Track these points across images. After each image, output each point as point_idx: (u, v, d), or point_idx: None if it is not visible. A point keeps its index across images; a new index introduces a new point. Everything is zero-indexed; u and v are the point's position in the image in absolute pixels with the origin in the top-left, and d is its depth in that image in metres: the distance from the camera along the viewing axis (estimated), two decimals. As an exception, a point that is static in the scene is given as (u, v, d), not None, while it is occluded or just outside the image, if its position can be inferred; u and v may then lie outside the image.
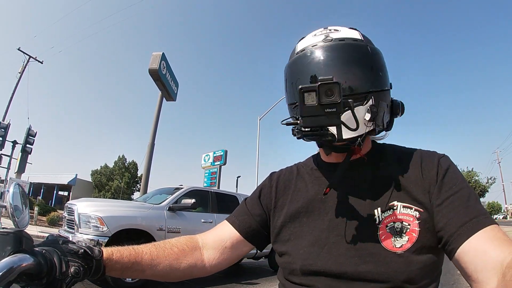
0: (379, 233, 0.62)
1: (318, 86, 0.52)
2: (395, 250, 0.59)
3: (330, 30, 0.72)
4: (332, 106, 0.52)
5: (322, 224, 0.67)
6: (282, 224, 0.74)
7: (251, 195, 0.85)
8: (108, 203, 5.37)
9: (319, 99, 0.52)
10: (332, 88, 0.52)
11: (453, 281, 5.56)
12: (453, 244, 0.56)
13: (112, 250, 0.62)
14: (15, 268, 0.44)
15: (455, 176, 0.63)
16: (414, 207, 0.62)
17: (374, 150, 0.74)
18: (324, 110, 0.52)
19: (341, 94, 0.51)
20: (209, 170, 16.41)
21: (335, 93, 0.51)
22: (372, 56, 0.69)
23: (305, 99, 0.53)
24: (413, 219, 0.61)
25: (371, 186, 0.67)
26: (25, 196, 0.61)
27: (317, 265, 0.64)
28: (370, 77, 0.68)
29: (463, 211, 0.57)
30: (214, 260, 0.76)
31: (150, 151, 10.87)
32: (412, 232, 0.60)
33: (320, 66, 0.67)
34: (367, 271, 0.59)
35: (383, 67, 0.71)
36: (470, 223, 0.55)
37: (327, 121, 0.53)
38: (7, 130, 13.68)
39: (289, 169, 0.85)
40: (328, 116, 0.52)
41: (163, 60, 10.95)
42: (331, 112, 0.52)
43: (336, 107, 0.51)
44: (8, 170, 15.24)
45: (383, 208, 0.63)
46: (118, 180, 32.57)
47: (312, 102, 0.52)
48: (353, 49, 0.68)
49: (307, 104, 0.53)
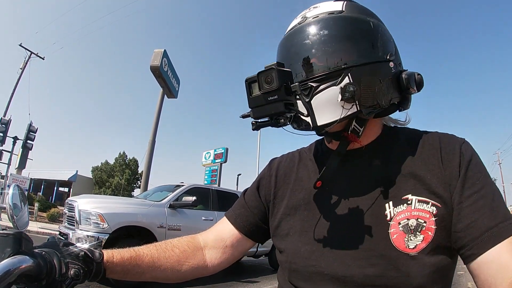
0: (391, 231, 0.55)
1: (257, 74, 0.50)
2: (408, 252, 0.53)
3: (310, 8, 0.66)
4: (273, 94, 0.49)
5: (325, 219, 0.62)
6: (282, 217, 0.69)
7: (250, 185, 0.80)
8: (108, 200, 5.38)
9: (260, 88, 0.50)
10: (270, 74, 0.49)
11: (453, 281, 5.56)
12: (474, 249, 0.51)
13: (113, 252, 0.61)
14: (14, 270, 0.43)
15: (479, 169, 0.56)
16: (431, 201, 0.55)
17: (384, 135, 0.67)
18: (267, 99, 0.50)
19: (278, 79, 0.49)
20: (210, 167, 16.45)
21: (274, 79, 0.49)
22: (348, 26, 0.60)
23: (253, 90, 0.51)
24: (430, 216, 0.54)
25: (380, 176, 0.60)
26: (24, 197, 0.61)
27: (320, 266, 0.58)
28: (343, 51, 0.59)
29: (488, 213, 0.51)
30: (216, 260, 0.74)
31: (151, 148, 10.89)
32: (428, 231, 0.53)
33: (291, 54, 0.63)
34: (375, 275, 0.54)
35: (370, 37, 0.61)
36: (496, 229, 0.50)
37: (271, 109, 0.50)
38: (8, 126, 13.69)
39: (290, 155, 0.79)
40: (272, 104, 0.50)
41: (164, 57, 10.94)
42: (273, 100, 0.50)
43: (277, 94, 0.49)
44: (8, 166, 15.28)
45: (396, 202, 0.57)
46: (119, 176, 32.61)
47: (256, 92, 0.51)
48: (324, 23, 0.61)
49: (253, 96, 0.51)
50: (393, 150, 0.63)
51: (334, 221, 0.61)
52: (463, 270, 6.18)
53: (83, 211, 4.46)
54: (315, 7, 0.65)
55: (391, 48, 0.64)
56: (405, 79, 0.62)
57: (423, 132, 0.65)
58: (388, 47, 0.63)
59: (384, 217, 0.57)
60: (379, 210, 0.57)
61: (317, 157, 0.72)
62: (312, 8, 0.66)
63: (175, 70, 12.26)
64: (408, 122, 0.70)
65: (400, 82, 0.63)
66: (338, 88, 0.56)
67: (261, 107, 0.51)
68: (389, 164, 0.61)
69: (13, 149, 15.12)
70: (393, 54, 0.63)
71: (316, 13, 0.63)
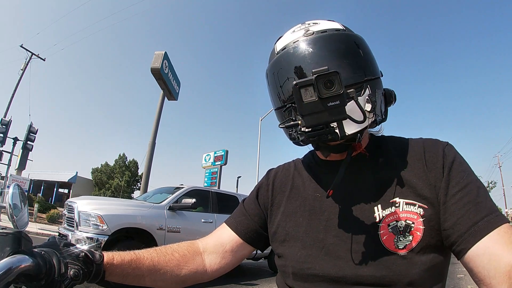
0: (380, 232, 0.58)
1: (315, 78, 0.47)
2: (398, 252, 0.56)
3: (309, 24, 0.67)
4: (334, 99, 0.47)
5: (319, 225, 0.64)
6: (279, 224, 0.71)
7: (249, 195, 0.83)
8: (108, 201, 5.36)
9: (318, 93, 0.47)
10: (332, 78, 0.47)
11: (452, 285, 5.55)
12: (463, 244, 0.52)
13: (113, 254, 0.61)
14: (13, 269, 0.43)
15: (462, 168, 0.58)
16: (418, 203, 0.57)
17: (372, 144, 0.70)
18: (326, 105, 0.47)
19: (342, 84, 0.47)
20: (210, 170, 16.43)
21: (336, 84, 0.47)
22: (359, 44, 0.65)
23: (303, 95, 0.48)
24: (418, 217, 0.56)
25: (370, 182, 0.63)
26: (24, 196, 0.61)
27: (315, 269, 0.61)
28: (362, 65, 0.63)
29: (473, 208, 0.53)
30: (215, 265, 0.75)
31: (151, 150, 10.88)
32: (416, 231, 0.56)
33: (307, 61, 0.61)
34: (368, 275, 0.56)
35: (371, 54, 0.67)
36: (481, 222, 0.52)
37: (332, 116, 0.48)
38: (8, 127, 13.69)
39: (286, 165, 0.82)
40: (332, 110, 0.47)
41: (165, 59, 10.97)
42: (335, 106, 0.47)
43: (339, 100, 0.47)
44: (8, 166, 15.27)
45: (384, 205, 0.59)
46: (119, 178, 32.57)
47: (311, 97, 0.47)
48: (338, 38, 0.64)
49: (306, 101, 0.48)
50: (381, 157, 0.66)
51: (328, 225, 0.64)
52: (463, 273, 6.17)
53: (82, 212, 4.45)
54: (316, 23, 0.67)
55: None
56: (393, 94, 0.69)
57: (409, 139, 0.68)
58: (377, 64, 0.68)
59: (373, 219, 0.59)
60: (368, 213, 0.60)
61: (311, 167, 0.75)
62: (312, 24, 0.67)
63: (175, 72, 12.28)
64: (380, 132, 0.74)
65: (387, 96, 0.68)
66: (364, 98, 0.60)
67: (318, 113, 0.48)
68: (378, 170, 0.64)
69: (13, 150, 15.14)
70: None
71: (321, 28, 0.65)
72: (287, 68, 0.64)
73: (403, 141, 0.68)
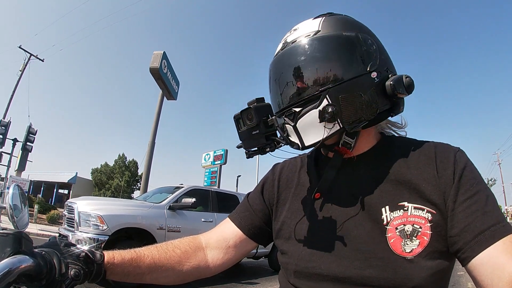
0: (388, 235, 0.57)
1: (240, 113, 0.59)
2: (405, 255, 0.55)
3: (291, 31, 0.68)
4: (255, 129, 0.57)
5: (325, 223, 0.64)
6: (284, 220, 0.71)
7: (254, 189, 0.82)
8: (108, 201, 5.36)
9: (243, 125, 0.59)
10: (250, 112, 0.58)
11: (453, 282, 5.56)
12: (468, 252, 0.52)
13: (114, 254, 0.61)
14: (14, 269, 0.43)
15: (473, 176, 0.58)
16: (426, 208, 0.57)
17: (381, 144, 0.68)
18: (251, 133, 0.58)
19: (257, 116, 0.57)
20: (210, 169, 16.42)
21: (253, 117, 0.57)
22: (323, 47, 0.62)
23: (239, 125, 0.60)
24: (425, 222, 0.56)
25: (378, 184, 0.62)
26: (24, 197, 0.61)
27: (320, 268, 0.61)
28: (319, 74, 0.61)
29: (480, 217, 0.53)
30: (218, 260, 0.74)
31: (151, 149, 10.88)
32: (423, 236, 0.55)
33: (277, 81, 0.67)
34: (373, 277, 0.55)
35: (347, 52, 0.62)
36: (488, 232, 0.52)
37: (255, 142, 0.59)
38: (7, 128, 13.66)
39: (292, 160, 0.81)
40: (255, 137, 0.58)
41: (164, 59, 10.96)
42: (256, 134, 0.58)
43: (258, 129, 0.57)
44: (8, 168, 15.25)
45: (392, 207, 0.59)
46: (118, 178, 32.57)
47: (243, 127, 0.59)
48: (300, 49, 0.63)
49: (240, 130, 0.60)
50: (389, 159, 0.65)
51: (334, 225, 0.63)
52: (463, 271, 6.15)
53: (82, 213, 4.46)
54: (295, 30, 0.67)
55: (373, 57, 0.64)
56: (391, 85, 0.63)
57: (420, 141, 0.66)
58: (369, 57, 0.63)
59: (381, 221, 0.59)
60: (375, 215, 0.59)
61: (317, 163, 0.74)
62: (293, 31, 0.67)
63: (174, 72, 12.27)
64: (405, 126, 0.72)
65: (386, 89, 0.63)
66: (317, 111, 0.60)
67: (248, 140, 0.59)
68: (385, 172, 0.63)
69: (12, 151, 15.11)
70: (375, 64, 0.63)
71: (294, 37, 0.66)
72: (272, 79, 0.70)
73: (414, 143, 0.66)
